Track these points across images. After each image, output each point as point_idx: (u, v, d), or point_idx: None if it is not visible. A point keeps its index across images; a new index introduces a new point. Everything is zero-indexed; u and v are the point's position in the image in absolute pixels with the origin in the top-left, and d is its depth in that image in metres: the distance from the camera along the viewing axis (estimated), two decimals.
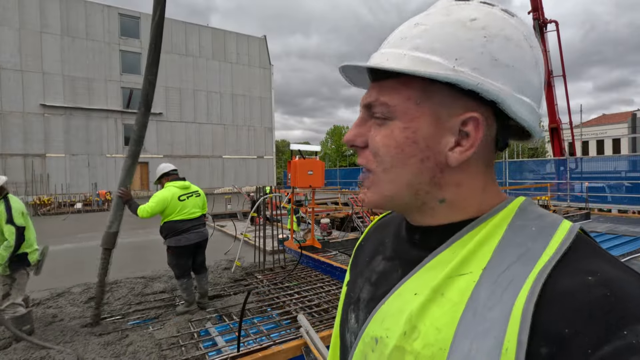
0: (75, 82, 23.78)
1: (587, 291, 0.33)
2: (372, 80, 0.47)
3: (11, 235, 3.26)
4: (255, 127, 30.93)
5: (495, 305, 0.35)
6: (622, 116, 33.36)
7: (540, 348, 0.32)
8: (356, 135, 0.47)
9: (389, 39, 0.46)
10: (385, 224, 0.62)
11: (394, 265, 0.51)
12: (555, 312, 0.33)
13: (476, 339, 0.35)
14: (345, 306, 0.56)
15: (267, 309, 3.96)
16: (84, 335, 3.37)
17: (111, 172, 24.95)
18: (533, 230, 0.40)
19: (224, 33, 29.87)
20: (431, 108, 0.42)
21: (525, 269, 0.36)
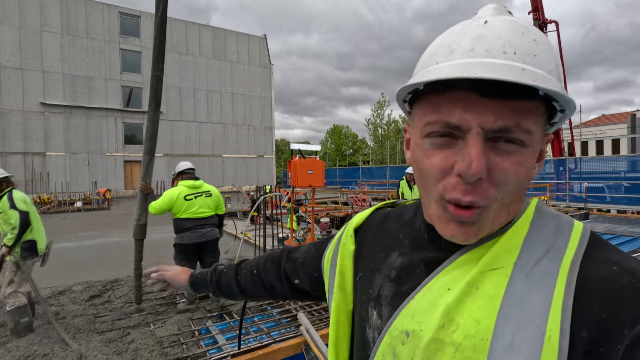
0: (75, 80, 23.78)
1: (616, 279, 0.37)
2: (486, 95, 0.39)
3: (16, 219, 3.43)
4: (255, 126, 30.93)
5: (533, 296, 0.38)
6: (621, 116, 33.40)
7: (582, 332, 0.36)
8: (484, 166, 0.39)
9: (505, 49, 0.39)
10: (392, 217, 0.61)
11: (414, 263, 0.51)
12: (591, 298, 0.37)
13: (518, 329, 0.37)
14: (363, 301, 0.56)
15: (267, 307, 3.99)
16: (86, 333, 3.40)
17: (111, 170, 24.96)
18: (552, 229, 0.43)
19: (224, 32, 29.85)
20: (542, 133, 0.43)
21: (555, 263, 0.40)
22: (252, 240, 6.43)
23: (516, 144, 0.40)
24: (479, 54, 0.39)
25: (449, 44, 0.42)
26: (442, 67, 0.40)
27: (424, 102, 0.44)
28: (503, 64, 0.38)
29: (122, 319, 3.73)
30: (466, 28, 0.42)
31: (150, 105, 3.88)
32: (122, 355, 2.93)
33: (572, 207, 12.30)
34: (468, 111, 0.39)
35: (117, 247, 7.79)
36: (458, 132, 0.41)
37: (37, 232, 3.66)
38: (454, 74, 0.38)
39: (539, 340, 0.36)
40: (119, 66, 25.31)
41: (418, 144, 0.45)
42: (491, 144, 0.40)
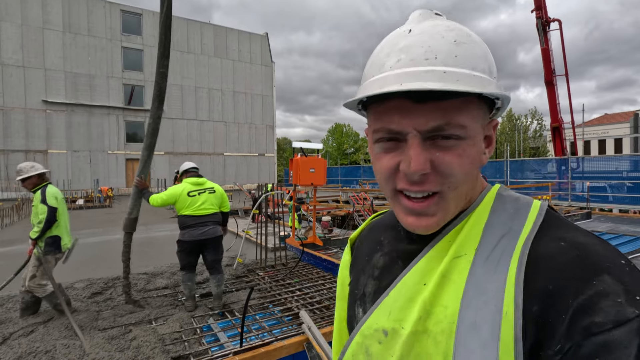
0: (77, 78, 23.81)
1: (563, 253, 0.40)
2: (418, 101, 0.43)
3: (44, 214, 3.60)
4: (256, 124, 30.93)
5: (492, 278, 0.42)
6: (624, 116, 33.28)
7: (533, 306, 0.39)
8: (425, 162, 0.43)
9: (427, 55, 0.42)
10: (377, 225, 0.66)
11: (393, 259, 0.55)
12: (540, 274, 0.40)
13: (479, 310, 0.41)
14: (351, 303, 0.60)
15: (269, 305, 3.99)
16: (88, 330, 3.40)
17: (113, 168, 25.01)
18: (511, 212, 0.47)
19: (226, 30, 29.83)
20: (481, 123, 0.47)
21: (511, 244, 0.43)
22: (254, 238, 6.43)
23: (452, 139, 0.44)
24: (405, 64, 0.43)
25: (380, 58, 0.46)
26: (375, 81, 0.45)
27: (370, 110, 0.49)
28: (427, 70, 0.42)
29: (123, 316, 3.73)
30: (396, 39, 0.46)
31: (154, 102, 3.94)
32: (124, 352, 2.93)
33: (574, 207, 12.26)
34: (404, 117, 0.44)
35: (118, 245, 7.77)
36: (400, 136, 0.45)
37: (63, 228, 3.80)
38: (377, 90, 0.42)
39: (497, 317, 0.39)
40: (121, 64, 25.34)
41: (371, 149, 0.50)
42: (431, 141, 0.44)
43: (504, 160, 16.45)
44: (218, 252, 4.05)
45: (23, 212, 13.53)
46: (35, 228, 3.64)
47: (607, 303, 0.35)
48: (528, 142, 35.62)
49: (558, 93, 14.50)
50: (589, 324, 0.35)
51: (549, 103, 14.56)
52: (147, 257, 6.59)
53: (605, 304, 0.35)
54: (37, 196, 3.68)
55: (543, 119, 36.23)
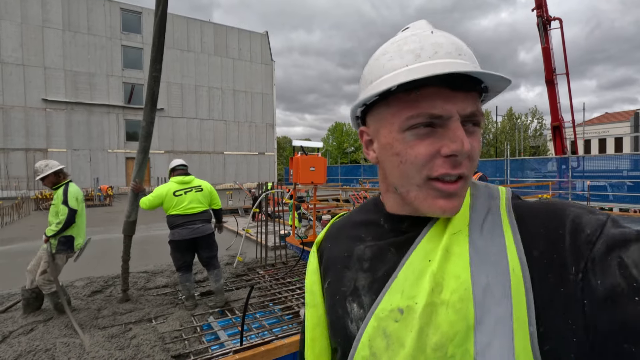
0: (76, 77, 23.79)
1: (536, 207, 0.50)
2: (454, 89, 0.47)
3: (64, 215, 3.66)
4: (256, 123, 30.92)
5: (491, 244, 0.48)
6: (624, 115, 33.25)
7: (533, 252, 0.45)
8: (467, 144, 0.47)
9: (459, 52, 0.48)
10: (347, 224, 0.67)
11: (383, 249, 0.56)
12: (527, 226, 0.48)
13: (489, 272, 0.45)
14: (336, 303, 0.59)
15: (269, 304, 3.98)
16: (88, 328, 3.40)
17: (113, 167, 25.01)
18: (487, 195, 0.55)
19: (226, 29, 29.79)
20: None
21: (496, 218, 0.51)
22: (254, 237, 6.42)
23: (477, 126, 0.50)
24: (443, 56, 0.47)
25: (412, 49, 0.49)
26: (416, 69, 0.47)
27: (394, 101, 0.50)
28: (462, 62, 0.47)
29: (124, 315, 3.73)
30: (419, 38, 0.50)
31: (147, 105, 3.95)
32: (124, 350, 2.93)
33: None
34: (447, 102, 0.46)
35: (118, 243, 7.78)
36: (439, 120, 0.47)
37: (78, 228, 3.85)
38: (447, 70, 0.44)
39: (506, 274, 0.44)
40: (121, 63, 25.31)
41: (397, 139, 0.50)
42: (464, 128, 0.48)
43: (504, 159, 16.44)
44: (212, 249, 4.02)
45: (23, 211, 13.52)
46: (52, 226, 3.68)
47: (586, 219, 0.45)
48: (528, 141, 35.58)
49: (558, 92, 14.47)
50: (586, 237, 0.43)
51: (550, 102, 14.54)
52: (147, 256, 6.59)
53: (585, 220, 0.45)
54: (59, 195, 3.72)
55: (543, 118, 36.20)
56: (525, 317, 0.42)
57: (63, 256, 3.79)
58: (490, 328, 0.43)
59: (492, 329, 0.43)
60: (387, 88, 0.47)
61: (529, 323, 0.42)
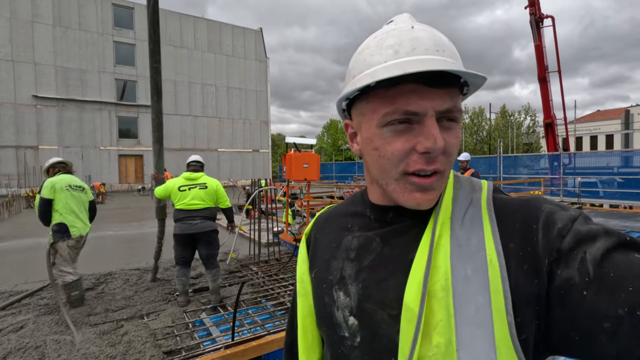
0: (67, 73, 23.46)
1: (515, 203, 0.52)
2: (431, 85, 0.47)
3: (36, 204, 3.84)
4: (251, 120, 30.78)
5: (471, 236, 0.49)
6: (615, 112, 33.65)
7: (509, 244, 0.47)
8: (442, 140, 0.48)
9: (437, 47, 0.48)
10: (334, 214, 0.69)
11: (369, 239, 0.58)
12: (505, 220, 0.50)
13: (467, 262, 0.47)
14: (324, 291, 0.60)
15: (262, 300, 3.99)
16: (79, 325, 3.38)
17: (105, 164, 24.77)
18: (469, 188, 0.56)
19: (220, 25, 29.55)
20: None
21: (477, 209, 0.52)
22: (247, 233, 6.42)
23: (454, 121, 0.50)
24: (421, 52, 0.47)
25: (391, 45, 0.49)
26: (394, 65, 0.47)
27: (374, 97, 0.50)
28: (440, 59, 0.47)
29: (115, 312, 3.71)
30: (399, 32, 0.50)
31: (153, 97, 4.14)
32: (116, 347, 2.92)
33: (566, 202, 12.40)
34: (423, 99, 0.47)
35: (110, 241, 7.75)
36: (415, 117, 0.48)
37: (68, 215, 3.88)
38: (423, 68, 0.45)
39: (484, 264, 0.46)
40: (113, 59, 25.00)
41: (376, 134, 0.51)
42: (438, 123, 0.48)
43: (498, 156, 16.56)
44: (212, 247, 4.04)
45: (13, 209, 13.35)
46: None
47: (558, 215, 0.47)
48: (521, 138, 35.89)
49: (551, 89, 14.59)
50: (557, 230, 0.45)
51: (542, 99, 14.65)
52: (139, 253, 6.55)
53: (557, 215, 0.47)
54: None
55: (536, 115, 36.52)
56: (503, 307, 0.44)
57: (63, 244, 3.82)
58: (470, 318, 0.44)
59: (473, 318, 0.44)
60: (365, 84, 0.48)
61: (507, 312, 0.43)
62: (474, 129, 38.35)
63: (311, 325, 0.64)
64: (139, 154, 26.04)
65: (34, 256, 6.20)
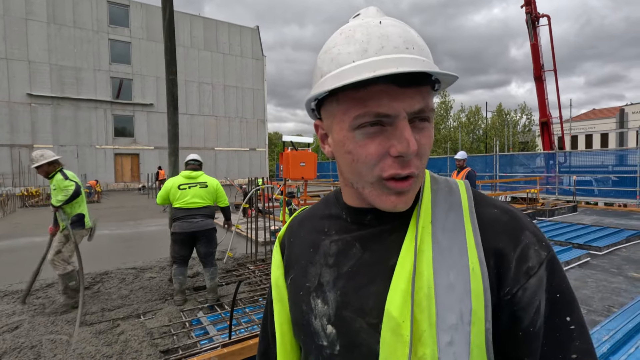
0: (62, 71, 23.27)
1: (500, 218, 0.51)
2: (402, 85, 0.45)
3: (71, 186, 3.85)
4: (247, 119, 30.70)
5: (453, 243, 0.48)
6: (610, 111, 33.87)
7: (490, 261, 0.47)
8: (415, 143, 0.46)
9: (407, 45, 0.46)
10: (309, 217, 0.66)
11: (349, 244, 0.56)
12: (490, 235, 0.49)
13: (450, 269, 0.47)
14: (301, 298, 0.58)
15: (259, 298, 3.99)
16: (73, 323, 3.36)
17: (101, 163, 24.62)
18: (447, 190, 0.55)
19: (216, 23, 29.42)
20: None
21: (458, 215, 0.51)
22: (244, 232, 6.41)
23: (426, 121, 0.49)
24: (390, 51, 0.45)
25: (359, 42, 0.47)
26: (362, 66, 0.45)
27: (343, 98, 0.48)
28: (410, 57, 0.45)
29: (112, 311, 3.70)
30: (367, 29, 0.47)
31: (169, 108, 4.24)
32: (112, 346, 2.91)
33: (561, 200, 12.48)
34: (394, 100, 0.45)
35: (106, 240, 7.71)
36: (387, 119, 0.46)
37: (83, 207, 4.06)
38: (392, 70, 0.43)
39: (467, 273, 0.46)
40: (108, 57, 24.82)
41: (348, 137, 0.49)
42: (410, 124, 0.47)
43: (494, 154, 16.64)
44: (210, 245, 4.04)
45: (8, 208, 13.24)
46: (59, 197, 3.82)
47: (532, 251, 0.48)
48: (517, 136, 36.05)
49: (547, 88, 14.66)
50: (526, 269, 0.47)
51: (538, 98, 14.73)
52: (135, 252, 6.53)
53: (531, 252, 0.48)
54: (57, 179, 3.89)
55: (532, 114, 36.69)
56: (483, 314, 0.45)
57: (78, 233, 3.95)
58: (451, 326, 0.44)
59: (454, 326, 0.44)
60: (334, 87, 0.46)
61: (485, 319, 0.45)
62: (470, 127, 38.49)
63: (289, 332, 0.62)
64: (135, 153, 25.90)
65: (28, 255, 6.15)
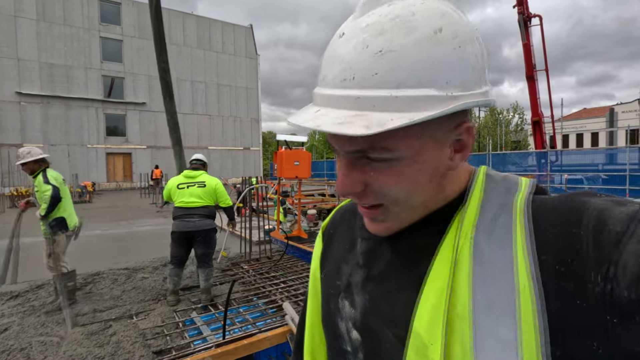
0: (53, 69, 22.92)
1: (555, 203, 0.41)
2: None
3: (48, 191, 3.74)
4: (241, 118, 30.56)
5: (497, 252, 0.39)
6: (601, 110, 34.36)
7: (546, 257, 0.37)
8: (353, 183, 0.42)
9: (344, 75, 0.38)
10: (349, 209, 0.63)
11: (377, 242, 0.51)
12: (544, 228, 0.39)
13: (491, 286, 0.38)
14: (330, 296, 0.55)
15: (253, 298, 3.97)
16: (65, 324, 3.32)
17: (93, 162, 24.32)
18: (503, 190, 0.45)
19: (209, 21, 29.21)
20: (430, 135, 0.41)
21: (509, 217, 0.41)
22: (238, 232, 6.38)
23: (384, 161, 0.40)
24: (328, 83, 0.40)
25: (322, 64, 0.42)
26: (314, 95, 0.43)
27: None
28: (340, 95, 0.38)
29: (103, 312, 3.65)
30: (330, 45, 0.42)
31: (165, 98, 4.16)
32: (104, 347, 2.88)
33: None
34: (332, 137, 0.42)
35: (98, 240, 7.62)
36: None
37: (65, 210, 3.98)
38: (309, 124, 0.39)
39: (512, 292, 0.37)
40: (100, 55, 24.50)
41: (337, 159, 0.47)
42: (365, 159, 0.41)
43: (487, 153, 16.78)
44: (208, 246, 4.01)
45: None
46: (43, 205, 3.80)
47: (611, 213, 0.36)
48: (510, 135, 36.41)
49: (539, 88, 14.82)
50: (611, 236, 0.34)
51: (530, 97, 14.88)
52: (128, 252, 6.46)
53: (610, 214, 0.36)
54: (39, 180, 3.83)
55: (524, 113, 37.06)
56: (534, 342, 0.34)
57: (62, 235, 3.94)
58: (491, 353, 0.36)
59: (493, 354, 0.36)
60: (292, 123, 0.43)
61: (541, 346, 0.34)
62: None
63: (319, 326, 0.60)
64: (128, 152, 25.62)
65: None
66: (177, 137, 4.25)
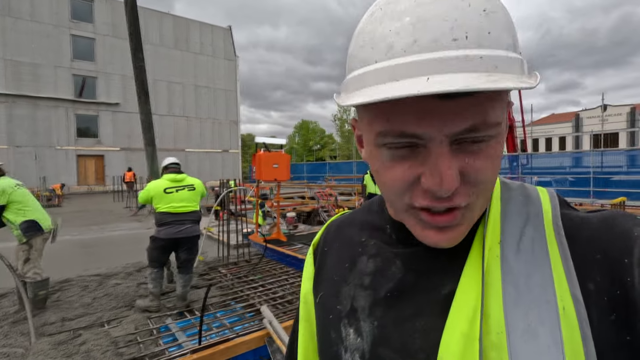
0: (18, 67, 21.82)
1: (592, 222, 0.38)
2: (444, 97, 0.31)
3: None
4: (220, 120, 30.11)
5: (531, 271, 0.35)
6: (568, 116, 36.10)
7: (587, 284, 0.34)
8: (458, 175, 0.34)
9: (454, 34, 0.31)
10: (348, 223, 0.55)
11: (388, 261, 0.45)
12: (582, 250, 0.36)
13: (529, 310, 0.34)
14: (330, 324, 0.48)
15: (231, 302, 3.92)
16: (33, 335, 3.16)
17: (62, 165, 23.28)
18: (522, 199, 0.42)
19: (187, 21, 28.69)
20: (506, 110, 0.36)
21: (538, 230, 0.38)
22: (216, 235, 6.28)
23: (482, 142, 0.34)
24: (424, 47, 0.31)
25: (383, 34, 0.33)
26: (382, 71, 0.33)
27: (368, 105, 0.36)
28: (457, 56, 0.30)
29: (72, 320, 3.51)
30: (398, 5, 0.33)
31: (140, 97, 4.05)
32: (72, 357, 2.76)
33: None
34: (424, 118, 0.32)
35: (67, 246, 7.30)
36: (418, 140, 0.34)
37: (33, 212, 3.80)
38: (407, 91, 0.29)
39: (554, 315, 0.33)
40: (70, 53, 23.55)
41: (374, 154, 0.38)
42: (457, 146, 0.34)
43: None
44: (192, 252, 3.93)
45: None
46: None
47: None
48: None
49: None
50: None
51: None
52: (99, 258, 6.23)
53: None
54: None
55: None
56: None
57: (38, 239, 3.81)
58: None
59: None
60: (349, 104, 0.34)
61: None
62: None
63: (314, 357, 0.53)
64: (100, 154, 24.70)
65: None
66: (150, 137, 4.10)
